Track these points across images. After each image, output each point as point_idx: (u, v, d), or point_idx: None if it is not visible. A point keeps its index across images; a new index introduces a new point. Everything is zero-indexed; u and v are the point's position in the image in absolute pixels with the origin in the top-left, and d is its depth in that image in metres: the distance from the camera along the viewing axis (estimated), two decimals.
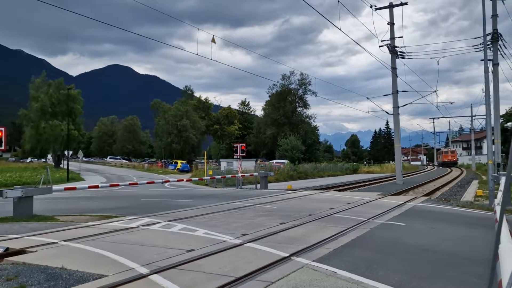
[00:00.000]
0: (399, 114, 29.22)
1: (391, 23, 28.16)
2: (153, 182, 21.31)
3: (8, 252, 6.39)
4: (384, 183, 30.13)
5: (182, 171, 54.09)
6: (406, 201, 14.67)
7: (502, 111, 54.78)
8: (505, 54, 24.90)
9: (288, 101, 73.21)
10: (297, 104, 75.20)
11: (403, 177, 31.37)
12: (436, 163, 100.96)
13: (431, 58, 28.76)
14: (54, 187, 13.46)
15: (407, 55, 28.53)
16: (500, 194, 10.62)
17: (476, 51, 26.00)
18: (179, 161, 58.97)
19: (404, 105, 31.07)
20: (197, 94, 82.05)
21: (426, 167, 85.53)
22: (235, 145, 27.42)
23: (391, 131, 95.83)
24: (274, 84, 74.34)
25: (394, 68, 28.45)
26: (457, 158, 79.87)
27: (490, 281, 2.28)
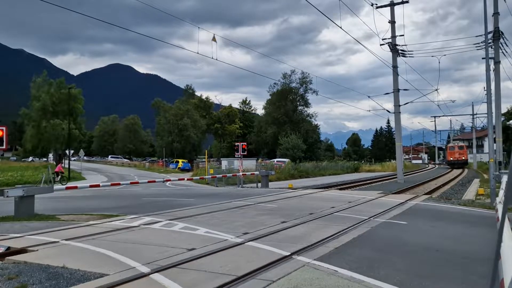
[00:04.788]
0: (400, 112, 29.19)
1: (392, 22, 28.11)
2: (154, 181, 21.31)
3: (10, 251, 6.39)
4: (385, 181, 30.09)
5: (183, 170, 54.14)
6: (407, 200, 14.64)
7: (504, 109, 54.68)
8: (506, 52, 24.88)
9: (289, 99, 73.17)
10: (298, 103, 75.18)
11: (404, 175, 31.34)
12: (437, 161, 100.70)
13: (432, 56, 28.72)
14: (55, 186, 13.49)
15: (408, 54, 28.50)
16: (501, 193, 10.61)
17: (477, 49, 25.96)
18: (180, 160, 59.01)
19: (405, 104, 31.11)
20: (198, 93, 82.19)
21: (427, 166, 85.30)
22: (236, 144, 27.45)
23: (392, 130, 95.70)
24: (275, 83, 74.44)
25: (395, 67, 28.40)
26: (468, 156, 64.64)
27: (492, 280, 2.27)
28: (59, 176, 28.83)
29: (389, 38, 28.03)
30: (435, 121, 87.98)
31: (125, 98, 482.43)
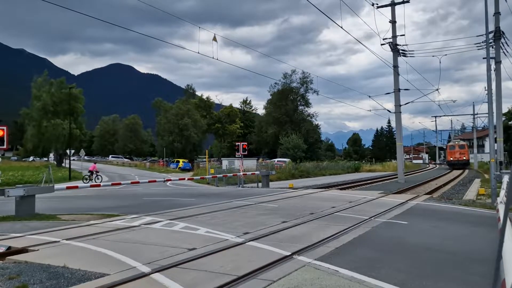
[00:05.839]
0: (400, 112, 29.14)
1: (393, 21, 28.06)
2: (155, 181, 21.30)
3: (10, 251, 6.39)
4: (386, 181, 30.06)
5: (183, 169, 54.17)
6: (408, 200, 14.63)
7: (505, 109, 54.44)
8: (507, 52, 24.82)
9: (289, 99, 73.16)
10: (299, 103, 75.15)
11: (405, 175, 31.31)
12: (438, 161, 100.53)
13: (433, 56, 28.63)
14: (56, 186, 13.49)
15: (409, 53, 28.45)
16: (502, 193, 10.58)
17: (478, 49, 25.89)
18: (180, 160, 59.04)
19: (406, 104, 31.04)
20: (198, 93, 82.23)
21: (428, 166, 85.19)
22: (236, 143, 27.44)
23: (393, 130, 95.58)
24: (275, 83, 74.41)
25: (396, 67, 28.37)
26: (469, 156, 59.59)
27: (494, 281, 2.26)
28: (94, 175, 30.94)
29: (389, 38, 28.00)
30: (435, 121, 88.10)
31: (126, 98, 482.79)
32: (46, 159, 77.27)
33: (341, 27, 18.79)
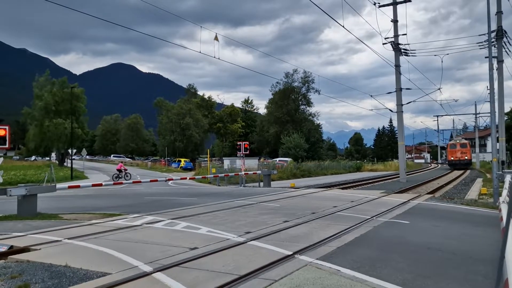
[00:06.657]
0: (402, 112, 29.08)
1: (395, 21, 28.00)
2: (157, 180, 21.33)
3: (12, 250, 6.41)
4: (387, 181, 30.02)
5: (185, 169, 54.17)
6: (410, 199, 14.61)
7: (507, 108, 54.32)
8: (510, 51, 24.70)
9: (291, 99, 73.15)
10: (300, 102, 75.16)
11: (407, 175, 31.26)
12: (440, 161, 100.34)
13: (435, 55, 28.54)
14: (58, 185, 13.51)
15: (411, 53, 28.38)
16: (504, 192, 10.57)
17: (480, 48, 25.82)
18: (182, 159, 59.06)
19: (408, 103, 30.92)
20: (200, 93, 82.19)
21: (429, 165, 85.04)
22: (238, 143, 27.42)
23: (395, 129, 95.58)
24: (277, 82, 74.43)
25: (397, 66, 28.31)
26: (471, 156, 56.15)
27: (497, 281, 2.25)
28: (123, 173, 31.59)
29: (391, 37, 27.93)
30: (437, 120, 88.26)
31: (128, 98, 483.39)
32: (48, 158, 77.47)
33: (343, 26, 18.78)
